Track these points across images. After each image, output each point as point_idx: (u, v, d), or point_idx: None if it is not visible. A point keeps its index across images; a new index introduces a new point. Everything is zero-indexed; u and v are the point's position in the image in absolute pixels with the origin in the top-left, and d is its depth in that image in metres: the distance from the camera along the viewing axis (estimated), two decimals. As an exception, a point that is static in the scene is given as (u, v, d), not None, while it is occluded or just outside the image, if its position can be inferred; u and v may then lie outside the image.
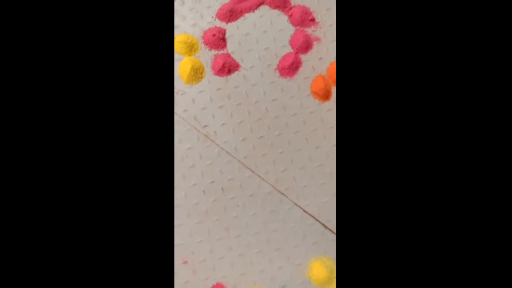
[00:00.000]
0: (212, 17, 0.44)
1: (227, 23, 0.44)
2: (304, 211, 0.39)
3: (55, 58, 0.34)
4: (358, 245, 0.31)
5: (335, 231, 0.39)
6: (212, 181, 0.39)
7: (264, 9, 0.42)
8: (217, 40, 0.43)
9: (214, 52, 0.43)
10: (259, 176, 0.39)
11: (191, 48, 0.43)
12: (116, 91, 0.33)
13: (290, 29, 0.43)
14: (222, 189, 0.39)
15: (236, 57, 0.43)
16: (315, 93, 0.40)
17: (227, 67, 0.42)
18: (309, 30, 0.43)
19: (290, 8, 0.43)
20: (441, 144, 0.33)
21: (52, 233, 0.33)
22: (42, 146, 0.33)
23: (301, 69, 0.43)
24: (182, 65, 0.41)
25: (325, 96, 0.42)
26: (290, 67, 0.43)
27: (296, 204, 0.39)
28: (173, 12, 0.43)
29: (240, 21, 0.44)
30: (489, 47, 0.33)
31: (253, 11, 0.44)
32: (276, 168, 0.39)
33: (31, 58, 0.34)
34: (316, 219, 0.39)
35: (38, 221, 0.33)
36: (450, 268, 0.33)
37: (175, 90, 0.40)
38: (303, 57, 0.43)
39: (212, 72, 0.42)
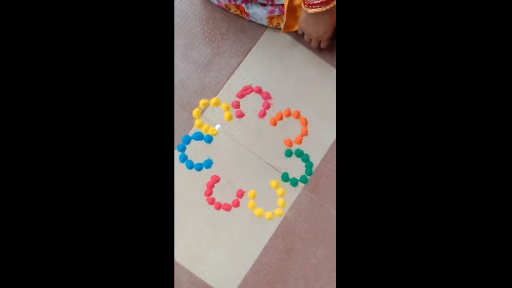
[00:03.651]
0: (235, 97, 0.99)
1: (239, 99, 0.96)
2: (269, 164, 1.00)
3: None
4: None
5: (277, 168, 1.07)
6: (236, 154, 0.99)
7: (252, 94, 0.98)
8: (237, 105, 0.97)
9: (236, 109, 0.96)
10: (255, 153, 0.96)
11: (228, 108, 0.97)
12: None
13: (262, 100, 0.97)
14: (241, 157, 1.02)
15: (243, 111, 0.96)
16: (271, 124, 1.04)
17: (241, 115, 0.96)
18: (270, 101, 0.99)
19: (262, 92, 0.99)
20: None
21: (50, 225, 0.35)
22: (48, 152, 0.35)
23: (266, 115, 0.96)
24: (225, 115, 0.95)
25: (275, 124, 1.03)
26: (263, 114, 0.95)
27: (269, 164, 1.02)
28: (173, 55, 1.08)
29: (244, 98, 0.96)
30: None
31: (249, 94, 0.98)
32: (261, 151, 1.01)
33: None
34: (270, 165, 1.06)
35: (37, 218, 0.35)
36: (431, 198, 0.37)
37: (219, 125, 1.07)
38: (267, 111, 0.96)
39: (236, 117, 0.97)
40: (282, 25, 0.96)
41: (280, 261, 0.94)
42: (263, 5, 0.95)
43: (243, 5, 0.97)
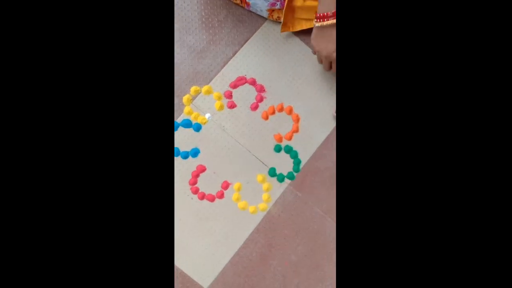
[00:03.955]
0: (227, 87, 1.02)
1: (232, 89, 0.96)
2: (256, 157, 1.04)
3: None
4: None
5: (265, 163, 1.06)
6: (225, 145, 1.03)
7: (246, 85, 1.00)
8: (229, 95, 1.01)
9: (227, 100, 0.97)
10: (243, 146, 0.99)
11: (219, 98, 1.00)
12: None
13: (255, 93, 1.00)
14: (229, 149, 1.05)
15: (235, 101, 0.96)
16: (263, 117, 1.06)
17: (232, 106, 0.99)
18: (263, 94, 1.05)
19: (256, 85, 1.06)
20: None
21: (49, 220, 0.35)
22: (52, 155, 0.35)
23: (259, 108, 0.98)
24: (216, 104, 0.99)
25: (266, 118, 1.07)
26: (255, 107, 0.97)
27: (257, 158, 1.05)
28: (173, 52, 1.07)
29: (237, 89, 0.96)
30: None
31: (242, 85, 1.03)
32: (250, 144, 1.04)
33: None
34: (257, 158, 1.06)
35: (33, 219, 0.34)
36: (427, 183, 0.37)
37: (209, 114, 1.05)
38: (260, 104, 0.98)
39: (227, 107, 1.00)
40: (282, 20, 0.94)
41: (260, 255, 0.94)
42: (265, -4, 0.93)
43: (245, -7, 0.94)
